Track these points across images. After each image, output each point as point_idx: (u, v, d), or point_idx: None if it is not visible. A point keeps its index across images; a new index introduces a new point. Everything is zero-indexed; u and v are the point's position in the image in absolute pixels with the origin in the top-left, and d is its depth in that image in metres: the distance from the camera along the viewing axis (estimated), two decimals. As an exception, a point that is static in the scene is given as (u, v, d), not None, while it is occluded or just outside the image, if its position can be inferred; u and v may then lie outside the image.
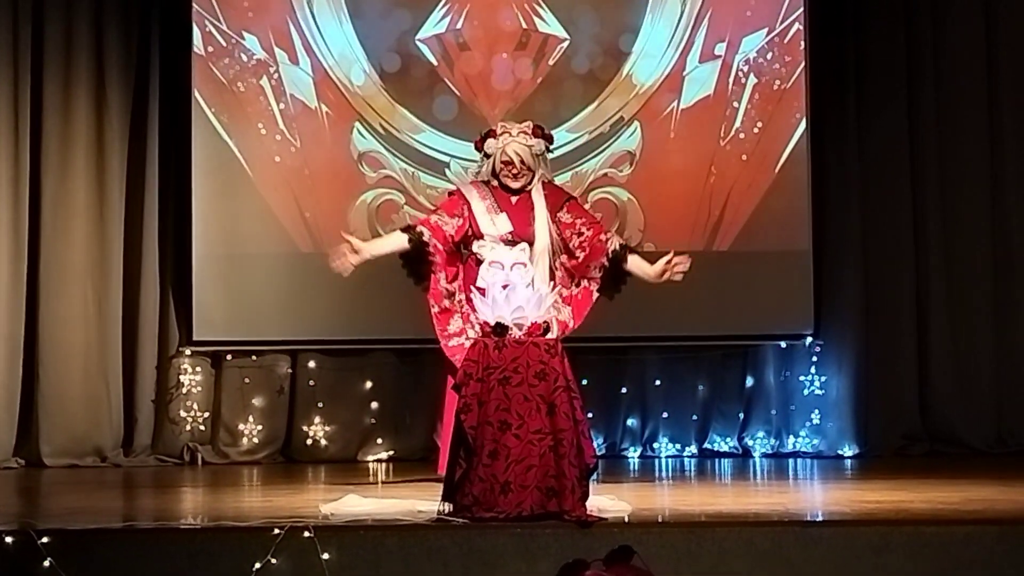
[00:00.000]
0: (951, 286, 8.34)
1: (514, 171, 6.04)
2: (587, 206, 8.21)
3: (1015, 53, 8.38)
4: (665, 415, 8.38)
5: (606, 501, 5.49)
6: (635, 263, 6.08)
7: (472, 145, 6.39)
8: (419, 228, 6.05)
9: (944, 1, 8.42)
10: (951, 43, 8.40)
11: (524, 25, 8.29)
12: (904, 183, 8.38)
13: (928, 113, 8.39)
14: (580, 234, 6.07)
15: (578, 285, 6.14)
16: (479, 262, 5.91)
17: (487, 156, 6.14)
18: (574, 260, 6.11)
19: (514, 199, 6.10)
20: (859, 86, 8.42)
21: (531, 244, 5.98)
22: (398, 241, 6.09)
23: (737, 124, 8.32)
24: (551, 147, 6.27)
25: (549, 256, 6.04)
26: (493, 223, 6.02)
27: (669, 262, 5.96)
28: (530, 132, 6.05)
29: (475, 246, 6.03)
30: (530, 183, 6.09)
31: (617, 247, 6.06)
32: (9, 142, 8.09)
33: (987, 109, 8.36)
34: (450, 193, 6.35)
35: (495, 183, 6.11)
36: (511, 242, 5.97)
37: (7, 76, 8.10)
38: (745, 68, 8.33)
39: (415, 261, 6.07)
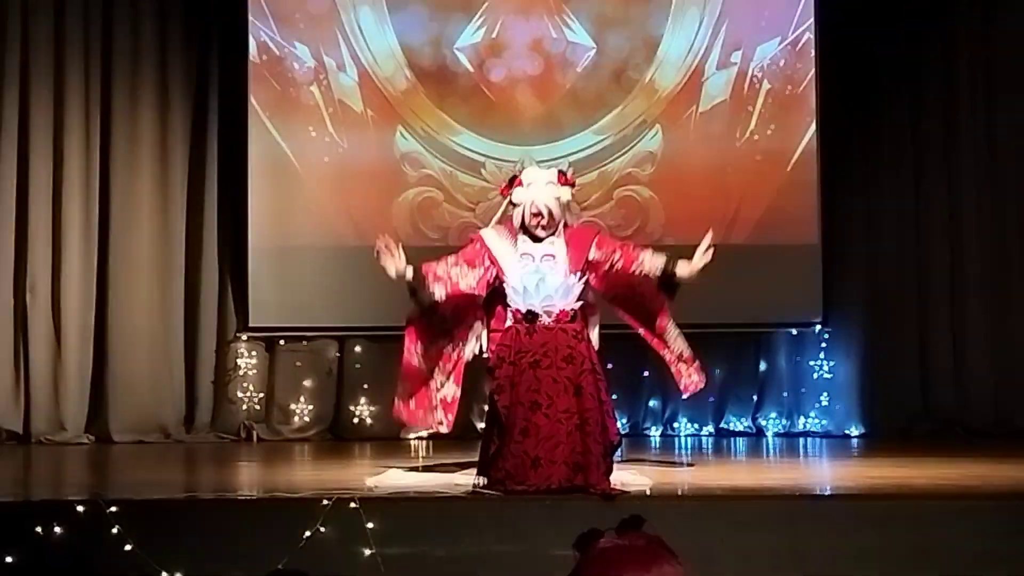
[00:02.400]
0: (952, 280, 8.30)
1: (543, 222, 5.39)
2: (611, 203, 8.24)
3: (1012, 58, 8.32)
4: (684, 397, 8.34)
5: (628, 476, 5.49)
6: (681, 270, 5.51)
7: (503, 146, 6.27)
8: (433, 289, 5.39)
9: (947, 12, 8.36)
10: (953, 52, 8.35)
11: (554, 35, 8.28)
12: (907, 183, 8.34)
13: (931, 117, 8.35)
14: (612, 266, 5.45)
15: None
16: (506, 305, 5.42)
17: (513, 204, 5.53)
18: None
19: (538, 245, 5.49)
20: (865, 91, 8.38)
21: None
22: (412, 277, 5.43)
23: (751, 127, 8.28)
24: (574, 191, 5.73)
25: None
26: (516, 249, 5.42)
27: (704, 251, 5.54)
28: (556, 181, 5.50)
29: (511, 272, 5.39)
30: (556, 232, 5.45)
31: (658, 268, 5.46)
32: (80, 146, 8.13)
33: (985, 113, 8.32)
34: (471, 239, 5.72)
35: (521, 231, 5.47)
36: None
37: (79, 86, 8.14)
38: (759, 74, 8.29)
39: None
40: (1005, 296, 8.26)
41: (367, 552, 4.73)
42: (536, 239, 5.41)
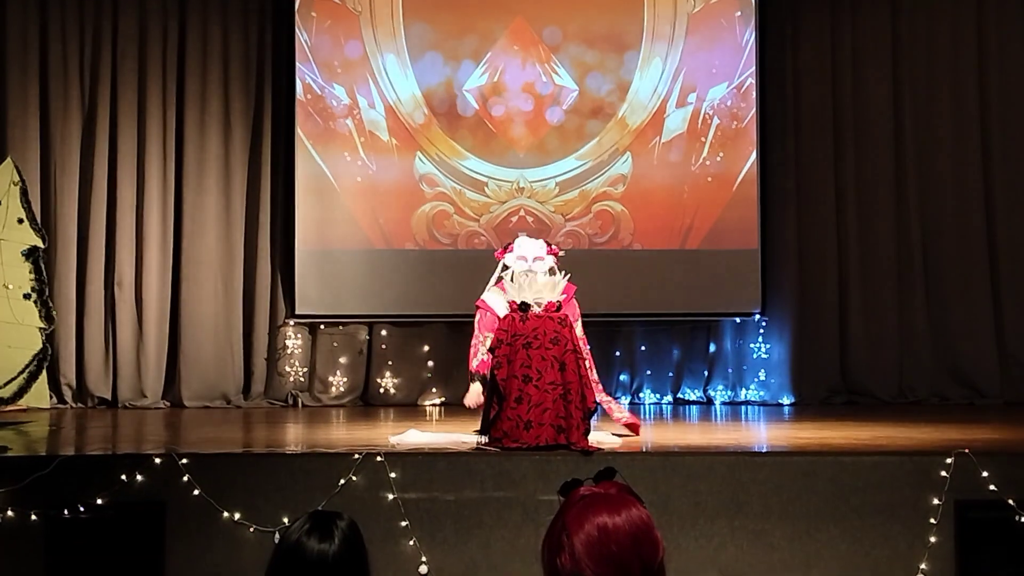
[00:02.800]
0: (864, 277, 8.29)
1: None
2: (590, 215, 8.24)
3: (918, 104, 8.31)
4: (648, 372, 8.36)
5: (604, 436, 5.49)
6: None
7: (503, 169, 6.25)
8: (483, 374, 5.42)
9: (862, 63, 8.35)
10: (866, 95, 8.34)
11: (544, 79, 8.26)
12: (829, 200, 8.32)
13: (847, 148, 8.33)
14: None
15: None
16: None
17: (506, 267, 5.57)
18: None
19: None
20: (796, 126, 8.37)
21: None
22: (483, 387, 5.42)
23: (704, 154, 8.27)
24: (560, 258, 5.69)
25: None
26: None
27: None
28: (544, 253, 5.49)
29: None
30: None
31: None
32: (159, 168, 8.12)
33: (894, 147, 8.30)
34: (478, 307, 5.70)
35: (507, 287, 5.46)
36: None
37: (158, 119, 8.12)
38: (711, 112, 8.28)
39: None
40: (909, 290, 8.25)
41: (390, 497, 4.73)
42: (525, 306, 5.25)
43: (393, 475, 4.73)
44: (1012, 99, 8.28)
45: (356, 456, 4.77)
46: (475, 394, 5.53)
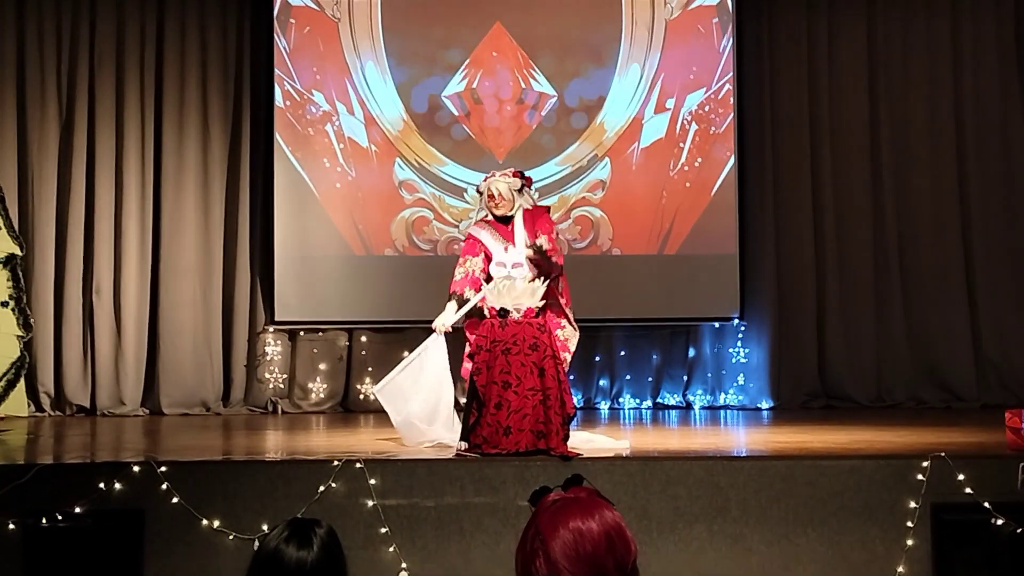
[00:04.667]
0: (842, 282, 8.32)
1: (495, 203, 5.60)
2: (569, 221, 8.26)
3: (894, 110, 8.37)
4: (628, 377, 8.37)
5: (606, 440, 5.50)
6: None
7: (482, 175, 6.30)
8: (465, 293, 5.60)
9: (838, 70, 8.41)
10: (843, 101, 8.38)
11: (523, 85, 8.27)
12: (807, 205, 8.35)
13: (824, 154, 8.35)
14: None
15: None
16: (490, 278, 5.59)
17: (480, 193, 5.78)
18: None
19: (507, 226, 5.65)
20: (774, 131, 8.40)
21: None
22: (457, 308, 5.61)
23: (682, 160, 8.30)
24: (530, 184, 5.85)
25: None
26: (504, 251, 5.58)
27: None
28: (510, 174, 5.68)
29: (492, 269, 5.58)
30: (512, 210, 5.62)
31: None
32: (137, 172, 8.09)
33: (871, 153, 8.34)
34: (466, 239, 5.86)
35: (490, 216, 5.68)
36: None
37: (136, 124, 8.11)
38: (688, 118, 8.31)
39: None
40: (886, 295, 8.29)
41: (370, 503, 4.73)
42: (498, 219, 5.59)
43: (373, 482, 4.73)
44: (986, 105, 8.35)
45: (335, 463, 4.76)
46: (448, 313, 5.59)
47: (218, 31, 8.24)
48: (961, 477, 4.75)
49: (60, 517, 4.64)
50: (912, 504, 4.74)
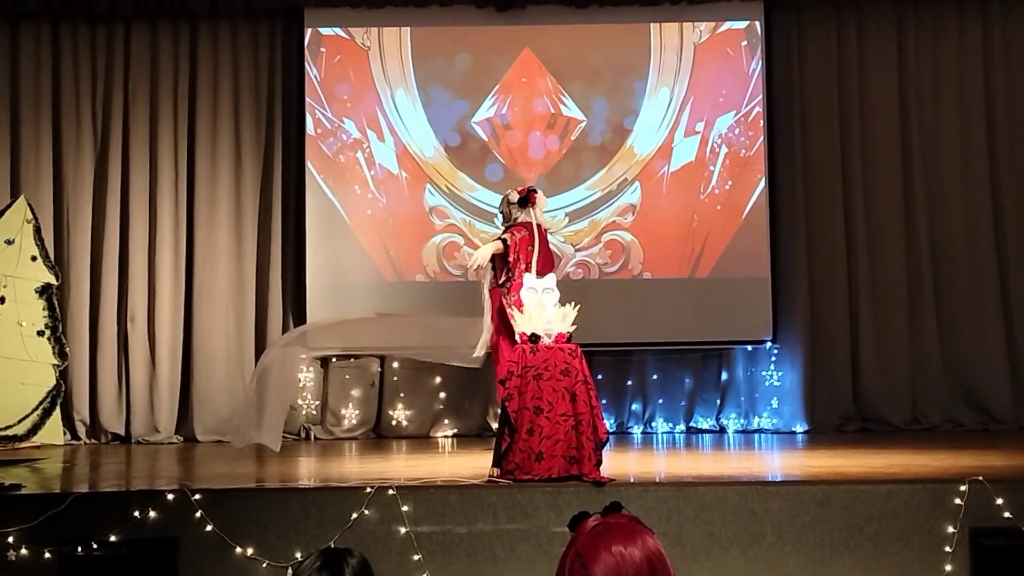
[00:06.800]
0: (875, 304, 8.27)
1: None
2: (600, 245, 8.26)
3: (925, 129, 8.33)
4: (660, 401, 8.34)
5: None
6: None
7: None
8: (504, 236, 6.12)
9: (868, 90, 8.38)
10: (874, 121, 8.35)
11: (552, 110, 8.31)
12: (838, 226, 8.32)
13: (855, 175, 8.33)
14: None
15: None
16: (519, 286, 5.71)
17: (516, 206, 6.21)
18: None
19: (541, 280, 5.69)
20: (804, 153, 8.38)
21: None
22: (495, 246, 6.10)
23: (713, 183, 8.29)
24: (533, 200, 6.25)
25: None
26: (537, 276, 5.70)
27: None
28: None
29: (523, 294, 5.54)
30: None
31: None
32: (171, 203, 8.18)
33: (902, 172, 8.30)
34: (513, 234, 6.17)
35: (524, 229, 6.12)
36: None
37: (169, 154, 8.20)
38: (719, 141, 8.30)
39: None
40: (920, 315, 8.22)
41: (403, 530, 4.72)
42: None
43: (405, 508, 4.72)
44: (1020, 122, 8.28)
45: (368, 490, 4.76)
46: (488, 248, 6.03)
47: (250, 61, 8.33)
48: (1000, 501, 4.69)
49: (95, 545, 4.67)
50: (950, 529, 4.68)
